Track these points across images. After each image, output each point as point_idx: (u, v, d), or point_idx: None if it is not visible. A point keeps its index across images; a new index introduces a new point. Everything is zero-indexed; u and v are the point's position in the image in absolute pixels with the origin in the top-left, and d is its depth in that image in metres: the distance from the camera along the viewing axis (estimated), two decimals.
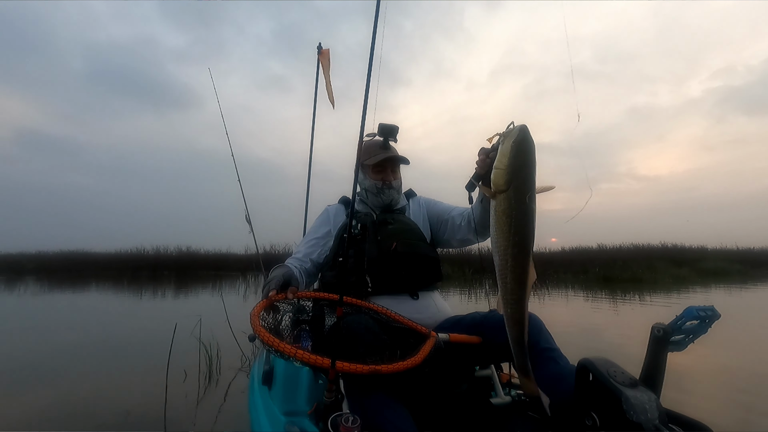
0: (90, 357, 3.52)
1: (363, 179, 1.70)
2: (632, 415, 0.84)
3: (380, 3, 1.29)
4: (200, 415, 2.25)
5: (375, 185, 1.67)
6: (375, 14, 1.30)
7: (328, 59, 2.26)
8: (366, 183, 1.70)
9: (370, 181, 1.68)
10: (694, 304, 0.93)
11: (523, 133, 0.99)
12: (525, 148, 0.99)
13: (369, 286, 1.51)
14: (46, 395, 2.52)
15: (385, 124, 1.62)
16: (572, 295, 8.78)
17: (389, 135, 1.64)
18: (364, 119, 1.29)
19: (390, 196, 1.69)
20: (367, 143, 1.67)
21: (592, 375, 0.95)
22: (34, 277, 14.97)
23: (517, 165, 0.98)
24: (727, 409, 2.30)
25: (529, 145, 0.99)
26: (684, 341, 0.93)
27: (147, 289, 10.36)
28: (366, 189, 1.70)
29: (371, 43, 1.29)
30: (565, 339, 4.11)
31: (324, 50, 2.28)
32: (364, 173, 1.69)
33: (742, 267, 15.41)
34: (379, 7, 1.29)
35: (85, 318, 5.91)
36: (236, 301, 7.97)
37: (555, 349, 1.25)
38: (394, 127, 1.63)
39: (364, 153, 1.64)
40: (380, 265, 1.50)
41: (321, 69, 2.31)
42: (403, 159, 1.70)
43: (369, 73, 1.28)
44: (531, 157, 0.99)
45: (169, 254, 18.12)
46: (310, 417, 1.37)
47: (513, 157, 0.98)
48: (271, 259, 9.79)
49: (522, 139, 0.98)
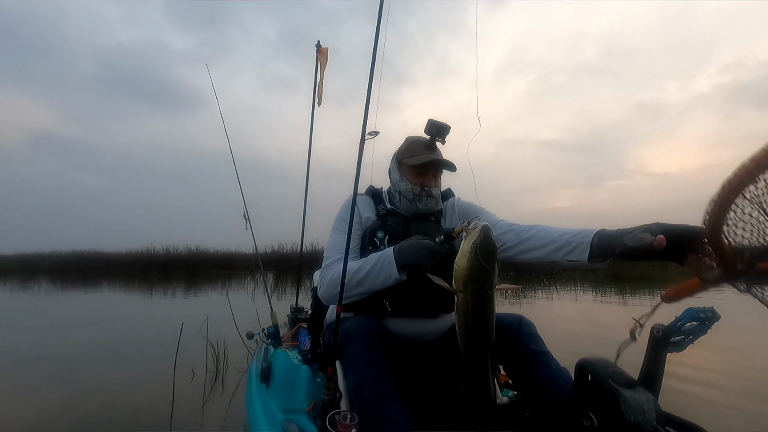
0: (100, 356, 3.58)
1: (398, 180, 1.46)
2: (630, 416, 0.83)
3: (383, 2, 1.28)
4: (207, 413, 2.27)
5: (412, 190, 1.42)
6: (378, 12, 1.29)
7: (326, 57, 2.27)
8: (401, 186, 1.44)
9: (407, 184, 1.42)
10: (694, 306, 0.91)
11: (483, 233, 0.96)
12: (485, 250, 0.95)
13: (387, 309, 1.35)
14: (55, 394, 2.56)
15: (435, 121, 1.39)
16: (581, 293, 8.70)
17: (438, 135, 1.40)
18: (366, 116, 1.28)
19: (427, 205, 1.44)
20: (410, 140, 1.49)
21: (590, 375, 0.94)
22: (47, 276, 15.29)
23: (475, 268, 0.95)
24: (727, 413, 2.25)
25: (489, 247, 0.95)
26: (683, 342, 0.91)
27: (157, 289, 10.50)
28: (400, 192, 1.45)
29: (374, 41, 1.28)
30: (572, 338, 4.10)
31: (323, 48, 2.29)
32: (400, 173, 1.45)
33: None
34: (382, 6, 1.28)
35: (97, 317, 6.02)
36: (244, 300, 8.04)
37: (546, 353, 1.24)
38: (445, 125, 1.40)
39: (405, 151, 1.45)
40: (404, 288, 1.28)
41: (319, 66, 2.32)
42: (450, 164, 1.43)
43: (372, 70, 1.28)
44: (491, 260, 0.96)
45: (178, 254, 18.39)
46: (308, 415, 1.37)
47: (472, 260, 0.95)
48: (279, 258, 9.95)
49: (482, 241, 0.95)
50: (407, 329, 1.38)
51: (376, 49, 1.28)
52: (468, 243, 0.97)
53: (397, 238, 1.35)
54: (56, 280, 13.68)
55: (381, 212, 1.47)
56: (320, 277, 1.37)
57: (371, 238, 1.40)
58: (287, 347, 2.04)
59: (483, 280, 0.96)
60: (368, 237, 1.41)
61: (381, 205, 1.49)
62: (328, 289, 1.32)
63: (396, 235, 1.38)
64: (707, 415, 2.18)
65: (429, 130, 1.39)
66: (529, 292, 8.98)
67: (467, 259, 0.96)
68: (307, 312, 2.54)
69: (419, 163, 1.39)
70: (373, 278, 1.22)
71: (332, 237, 1.43)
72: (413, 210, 1.44)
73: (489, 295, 0.98)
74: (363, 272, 1.23)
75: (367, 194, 1.56)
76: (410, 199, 1.43)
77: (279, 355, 1.77)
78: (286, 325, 2.61)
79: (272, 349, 2.00)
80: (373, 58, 1.27)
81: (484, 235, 0.96)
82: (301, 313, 2.62)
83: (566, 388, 1.13)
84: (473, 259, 0.95)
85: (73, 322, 5.41)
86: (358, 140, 1.30)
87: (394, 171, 1.49)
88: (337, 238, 1.40)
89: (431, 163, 1.40)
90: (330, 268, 1.34)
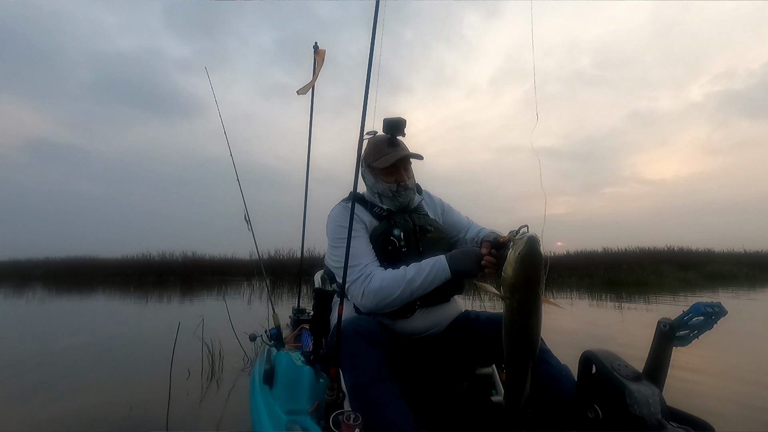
0: (95, 360, 3.54)
1: (374, 183, 1.52)
2: (635, 409, 0.84)
3: (379, 3, 1.29)
4: (203, 414, 2.26)
5: (389, 188, 1.48)
6: (374, 13, 1.29)
7: (322, 58, 2.32)
8: (378, 187, 1.50)
9: (383, 184, 1.49)
10: (702, 301, 0.93)
11: (528, 245, 0.99)
12: (530, 261, 0.98)
13: (417, 303, 1.38)
14: (50, 399, 2.51)
15: (389, 118, 1.45)
16: (577, 299, 8.72)
17: (396, 131, 1.46)
18: (363, 120, 1.31)
19: (407, 196, 1.51)
20: (373, 142, 1.53)
21: (595, 367, 0.95)
22: (41, 283, 15.08)
23: (521, 277, 0.99)
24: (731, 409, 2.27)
25: (535, 257, 0.98)
26: (688, 337, 0.93)
27: (153, 295, 10.39)
28: (379, 193, 1.51)
29: (370, 44, 1.29)
30: (568, 341, 4.11)
31: (320, 50, 2.33)
32: (374, 177, 1.51)
33: (750, 270, 15.17)
34: (378, 8, 1.29)
35: (91, 323, 5.95)
36: (241, 305, 7.98)
37: (546, 350, 1.28)
38: (400, 120, 1.45)
39: (371, 154, 1.50)
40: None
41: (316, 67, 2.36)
42: (416, 155, 1.51)
43: (368, 75, 1.29)
44: (536, 270, 0.99)
45: (174, 259, 18.19)
46: (311, 415, 1.37)
47: (518, 270, 0.99)
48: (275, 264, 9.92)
49: (527, 252, 0.98)
50: (426, 322, 1.40)
51: (372, 51, 1.30)
52: (515, 253, 1.00)
53: (409, 234, 1.43)
54: (51, 286, 13.50)
55: (381, 213, 1.51)
56: (356, 289, 1.33)
57: (387, 237, 1.42)
58: (290, 348, 2.04)
59: (528, 289, 0.99)
60: (383, 237, 1.43)
61: (376, 207, 1.52)
62: (376, 300, 1.30)
63: (407, 231, 1.44)
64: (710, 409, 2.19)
65: (388, 129, 1.46)
66: None
67: (513, 269, 0.99)
68: (309, 313, 2.54)
69: (389, 164, 1.45)
70: (427, 286, 1.28)
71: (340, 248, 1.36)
72: (397, 205, 1.51)
73: (534, 305, 1.01)
74: (418, 282, 1.27)
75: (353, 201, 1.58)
76: (391, 197, 1.49)
77: (282, 356, 1.77)
78: (289, 326, 2.61)
79: (275, 351, 1.99)
80: (369, 61, 1.29)
81: (530, 245, 0.99)
82: (303, 314, 2.62)
83: (567, 384, 1.14)
84: (519, 269, 0.98)
85: (67, 329, 5.34)
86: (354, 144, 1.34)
87: (367, 175, 1.55)
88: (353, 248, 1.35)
89: (399, 160, 1.47)
90: (369, 278, 1.32)
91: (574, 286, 12.19)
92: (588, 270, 14.51)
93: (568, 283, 13.29)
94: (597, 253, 17.09)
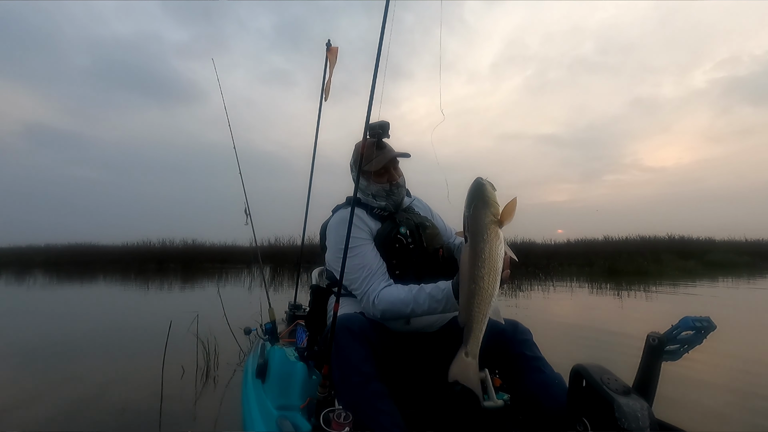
0: (89, 351, 3.55)
1: (366, 186, 1.57)
2: (624, 423, 0.83)
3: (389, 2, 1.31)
4: (197, 412, 2.24)
5: (383, 189, 1.55)
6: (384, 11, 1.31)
7: (335, 56, 2.29)
8: (372, 189, 1.57)
9: (376, 186, 1.56)
10: (690, 315, 0.92)
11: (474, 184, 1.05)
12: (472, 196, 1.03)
13: None
14: (42, 393, 2.50)
15: (373, 123, 1.50)
16: (577, 288, 8.76)
17: (382, 134, 1.53)
18: (369, 114, 1.35)
19: (400, 194, 1.59)
20: (360, 146, 1.55)
21: (585, 381, 0.95)
22: (42, 269, 15.19)
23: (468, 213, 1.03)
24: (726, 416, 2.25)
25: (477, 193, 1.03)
26: (678, 351, 0.92)
27: (153, 282, 10.47)
28: (373, 195, 1.58)
29: (379, 40, 1.32)
30: (565, 333, 4.13)
31: (333, 47, 2.30)
32: (366, 180, 1.56)
33: (750, 259, 15.19)
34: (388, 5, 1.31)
35: (90, 311, 6.01)
36: (241, 292, 8.05)
37: (540, 359, 1.29)
38: (384, 123, 1.51)
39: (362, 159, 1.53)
40: (431, 273, 1.44)
41: (328, 65, 2.34)
42: (404, 154, 1.59)
43: (376, 68, 1.32)
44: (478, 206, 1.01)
45: (175, 246, 18.25)
46: (302, 412, 1.38)
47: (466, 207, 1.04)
48: (276, 252, 9.90)
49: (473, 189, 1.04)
50: (422, 321, 1.42)
51: (381, 46, 1.32)
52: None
53: (413, 231, 1.51)
54: (51, 273, 13.59)
55: (382, 213, 1.56)
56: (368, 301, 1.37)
57: (394, 236, 1.48)
58: (284, 344, 2.04)
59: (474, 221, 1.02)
60: (391, 236, 1.48)
61: (374, 208, 1.57)
62: (386, 314, 1.34)
63: (411, 228, 1.52)
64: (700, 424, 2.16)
65: (373, 132, 1.52)
66: (524, 285, 9.03)
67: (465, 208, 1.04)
68: (305, 309, 2.53)
69: (380, 167, 1.53)
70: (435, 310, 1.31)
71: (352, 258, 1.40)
72: (392, 203, 1.58)
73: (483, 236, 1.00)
74: (425, 307, 1.30)
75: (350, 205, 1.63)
76: (385, 197, 1.57)
77: (275, 351, 1.77)
78: (284, 321, 2.60)
79: (269, 346, 2.00)
80: (377, 55, 1.31)
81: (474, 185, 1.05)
82: (299, 310, 2.61)
83: (559, 393, 1.14)
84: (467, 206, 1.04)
85: (65, 317, 5.41)
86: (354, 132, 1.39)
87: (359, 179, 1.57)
88: (359, 257, 1.43)
89: (389, 161, 1.54)
90: (385, 292, 1.35)
91: (574, 275, 12.24)
92: (588, 258, 14.55)
93: (569, 272, 13.34)
94: (598, 242, 17.15)
